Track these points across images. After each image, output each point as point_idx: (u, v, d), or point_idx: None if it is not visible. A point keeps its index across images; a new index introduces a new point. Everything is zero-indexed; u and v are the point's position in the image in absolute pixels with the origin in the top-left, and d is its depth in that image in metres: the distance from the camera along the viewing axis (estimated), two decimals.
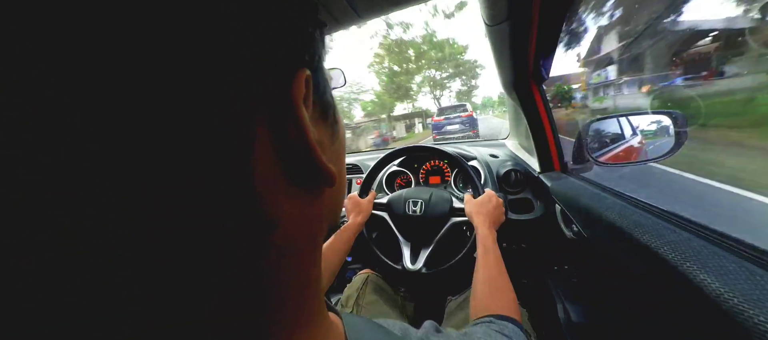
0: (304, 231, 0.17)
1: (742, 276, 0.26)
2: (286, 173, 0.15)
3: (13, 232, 0.09)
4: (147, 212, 0.11)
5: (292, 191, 0.15)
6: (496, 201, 0.74)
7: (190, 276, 0.12)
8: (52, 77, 0.09)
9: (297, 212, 0.16)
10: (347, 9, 0.59)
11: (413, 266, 0.77)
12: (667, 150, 0.65)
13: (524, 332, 0.38)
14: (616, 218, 0.45)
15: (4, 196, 0.09)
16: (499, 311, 0.42)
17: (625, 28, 15.44)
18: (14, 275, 0.09)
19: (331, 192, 0.19)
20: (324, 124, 0.18)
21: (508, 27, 0.59)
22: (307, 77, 0.15)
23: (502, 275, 0.54)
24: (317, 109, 0.17)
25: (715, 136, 3.84)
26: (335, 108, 0.20)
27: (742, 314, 0.24)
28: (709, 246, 0.32)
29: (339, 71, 0.90)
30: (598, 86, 13.03)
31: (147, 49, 0.10)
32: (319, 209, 0.18)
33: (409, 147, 0.96)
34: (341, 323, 0.23)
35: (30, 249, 0.09)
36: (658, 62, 10.69)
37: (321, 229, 0.19)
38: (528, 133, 0.87)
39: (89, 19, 0.09)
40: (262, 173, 0.13)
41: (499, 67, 0.78)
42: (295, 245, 0.16)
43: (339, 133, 0.20)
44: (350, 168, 1.22)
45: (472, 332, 0.31)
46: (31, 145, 0.09)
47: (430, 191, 0.85)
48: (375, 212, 0.86)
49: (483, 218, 0.69)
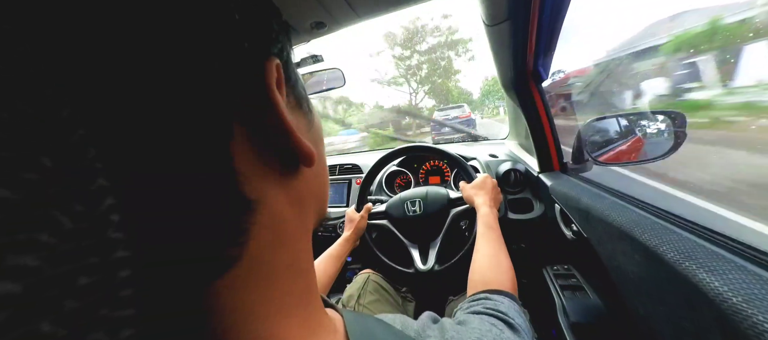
0: (290, 214, 0.18)
1: (742, 276, 0.26)
2: (266, 154, 0.16)
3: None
4: (131, 198, 0.11)
5: (273, 172, 0.17)
6: (491, 182, 0.76)
7: (182, 257, 0.13)
8: (37, 74, 0.09)
9: (280, 193, 0.17)
10: (347, 9, 0.59)
11: (425, 266, 0.77)
12: (666, 150, 0.65)
13: (520, 306, 0.38)
14: (616, 218, 0.45)
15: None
16: (496, 286, 0.41)
17: None
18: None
19: (312, 173, 0.20)
20: (299, 112, 0.20)
21: (507, 27, 0.59)
22: (277, 65, 0.16)
23: (502, 251, 0.54)
24: (291, 99, 0.19)
25: None
26: (308, 100, 0.22)
27: (742, 314, 0.24)
28: (708, 246, 0.32)
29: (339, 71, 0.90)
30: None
31: (124, 41, 0.11)
32: (303, 191, 0.19)
33: (409, 147, 0.96)
34: (341, 319, 0.23)
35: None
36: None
37: (308, 215, 0.20)
38: (527, 132, 0.87)
39: (69, 18, 0.10)
40: (242, 155, 0.14)
41: (499, 67, 0.78)
42: (281, 228, 0.17)
43: (314, 121, 0.22)
44: (350, 168, 1.22)
45: (467, 320, 0.31)
46: (29, 140, 0.09)
47: (426, 188, 0.85)
48: (374, 221, 0.85)
49: (482, 198, 0.70)
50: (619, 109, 3.08)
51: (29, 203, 0.10)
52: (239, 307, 0.15)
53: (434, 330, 0.29)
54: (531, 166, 0.94)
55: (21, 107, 0.09)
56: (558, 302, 0.68)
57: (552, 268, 0.80)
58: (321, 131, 0.23)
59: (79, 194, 0.10)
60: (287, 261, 0.17)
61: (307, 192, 0.20)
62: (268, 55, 0.16)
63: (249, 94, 0.15)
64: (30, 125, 0.09)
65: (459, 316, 0.33)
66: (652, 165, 0.78)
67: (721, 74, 2.26)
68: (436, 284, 0.85)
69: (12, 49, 0.09)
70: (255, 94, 0.15)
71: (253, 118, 0.15)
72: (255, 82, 0.15)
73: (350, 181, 1.20)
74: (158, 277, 0.12)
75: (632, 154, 0.91)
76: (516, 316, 0.33)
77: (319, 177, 0.22)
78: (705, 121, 1.96)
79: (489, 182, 0.75)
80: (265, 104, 0.16)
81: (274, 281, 0.16)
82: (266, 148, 0.16)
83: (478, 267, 0.51)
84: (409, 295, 0.87)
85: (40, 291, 0.10)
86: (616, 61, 4.82)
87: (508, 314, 0.32)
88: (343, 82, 0.89)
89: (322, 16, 0.60)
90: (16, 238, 0.10)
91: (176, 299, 0.13)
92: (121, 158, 0.11)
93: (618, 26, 33.61)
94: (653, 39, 4.76)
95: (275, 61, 0.16)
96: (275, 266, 0.17)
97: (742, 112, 1.89)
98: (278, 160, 0.17)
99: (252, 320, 0.15)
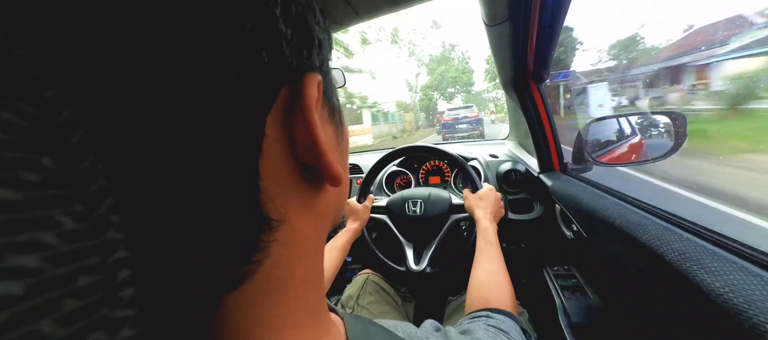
0: (309, 230, 0.17)
1: (742, 276, 0.26)
2: (294, 173, 0.15)
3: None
4: (152, 210, 0.11)
5: (299, 190, 0.16)
6: (495, 195, 0.74)
7: (192, 273, 0.12)
8: (55, 81, 0.09)
9: (302, 211, 0.16)
10: (347, 9, 0.59)
11: (417, 267, 0.77)
12: (666, 150, 0.65)
13: (521, 328, 0.38)
14: (617, 218, 0.45)
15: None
16: (497, 305, 0.41)
17: None
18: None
19: (336, 191, 0.19)
20: (330, 125, 0.19)
21: (508, 27, 0.59)
22: (319, 82, 0.15)
23: (502, 268, 0.53)
24: (325, 112, 0.18)
25: None
26: (340, 111, 0.21)
27: (742, 314, 0.24)
28: (709, 246, 0.32)
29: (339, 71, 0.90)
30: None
31: (155, 50, 0.10)
32: (324, 208, 0.18)
33: (409, 147, 0.96)
34: (343, 324, 0.23)
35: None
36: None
37: (325, 227, 0.19)
38: (527, 133, 0.87)
39: (91, 18, 0.10)
40: (269, 173, 0.14)
41: (499, 67, 0.78)
42: (299, 244, 0.16)
43: (344, 134, 0.21)
44: (350, 168, 1.22)
45: (471, 330, 0.31)
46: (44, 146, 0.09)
47: (429, 190, 0.85)
48: (374, 215, 0.86)
49: (484, 211, 0.69)
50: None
51: (30, 203, 0.10)
52: (250, 321, 0.14)
53: (438, 338, 0.28)
54: (531, 166, 0.94)
55: (22, 108, 0.09)
56: (558, 303, 0.68)
57: (552, 268, 0.80)
58: (348, 143, 0.22)
59: (80, 195, 0.10)
60: (302, 275, 0.17)
61: (327, 207, 0.19)
62: (309, 68, 0.15)
63: (283, 110, 0.14)
64: (31, 126, 0.09)
65: (463, 324, 0.33)
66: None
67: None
68: (437, 284, 0.85)
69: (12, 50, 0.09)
70: (289, 110, 0.14)
71: (285, 135, 0.14)
72: (292, 98, 0.14)
73: (351, 181, 1.20)
74: (166, 289, 0.12)
75: (632, 155, 0.91)
76: (518, 336, 0.33)
77: (342, 192, 0.21)
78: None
79: (492, 195, 0.73)
80: (299, 121, 0.14)
81: (288, 295, 0.16)
82: (295, 165, 0.15)
83: (477, 284, 0.50)
84: (408, 295, 0.87)
85: (41, 291, 0.10)
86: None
87: (510, 334, 0.32)
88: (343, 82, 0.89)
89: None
90: (17, 238, 0.10)
91: (185, 312, 0.13)
92: (129, 165, 0.11)
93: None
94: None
95: (317, 78, 0.15)
96: (290, 281, 0.16)
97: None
98: (305, 178, 0.16)
99: (263, 334, 0.15)
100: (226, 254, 0.13)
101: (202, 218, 0.12)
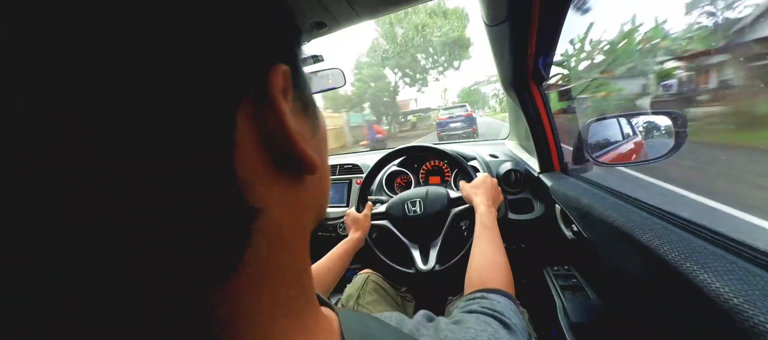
0: (289, 219, 0.17)
1: (742, 276, 0.26)
2: (269, 162, 0.16)
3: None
4: (127, 204, 0.11)
5: (276, 180, 0.16)
6: (491, 181, 0.75)
7: (172, 265, 0.12)
8: (35, 74, 0.09)
9: (281, 200, 0.17)
10: (347, 9, 0.59)
11: (426, 266, 0.77)
12: (666, 150, 0.65)
13: (518, 305, 0.37)
14: (617, 218, 0.45)
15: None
16: (493, 285, 0.41)
17: None
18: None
19: (314, 180, 0.20)
20: (304, 117, 0.19)
21: (508, 27, 0.59)
22: (284, 71, 0.16)
23: (499, 249, 0.54)
24: (298, 104, 0.18)
25: None
26: (315, 105, 0.21)
27: (742, 314, 0.24)
28: (709, 246, 0.32)
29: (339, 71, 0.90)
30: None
31: (125, 43, 0.11)
32: (305, 199, 0.19)
33: (409, 147, 0.96)
34: (337, 318, 0.23)
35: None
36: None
37: (307, 218, 0.20)
38: (528, 133, 0.87)
39: (67, 15, 0.10)
40: (244, 163, 0.14)
41: (499, 67, 0.78)
42: (281, 234, 0.17)
43: (319, 126, 0.21)
44: (350, 168, 1.22)
45: (462, 320, 0.30)
46: (22, 143, 0.09)
47: (426, 188, 0.85)
48: (375, 222, 0.85)
49: (481, 197, 0.70)
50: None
51: (27, 199, 0.10)
52: (239, 312, 0.15)
53: (429, 329, 0.28)
54: (531, 166, 0.94)
55: (19, 106, 0.09)
56: (558, 303, 0.68)
57: (552, 268, 0.80)
58: (325, 135, 0.23)
59: (75, 191, 0.10)
60: (286, 265, 0.17)
61: (307, 198, 0.19)
62: (275, 60, 0.16)
63: (252, 102, 0.15)
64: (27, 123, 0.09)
65: (455, 314, 0.33)
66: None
67: None
68: (437, 284, 0.85)
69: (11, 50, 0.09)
70: (259, 102, 0.15)
71: (256, 125, 0.15)
72: (259, 88, 0.15)
73: (350, 181, 1.20)
74: (157, 283, 0.12)
75: (633, 155, 0.91)
76: (512, 315, 0.33)
77: (322, 182, 0.22)
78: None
79: (488, 181, 0.75)
80: (269, 112, 0.15)
81: (273, 284, 0.16)
82: (270, 156, 0.16)
83: (475, 266, 0.50)
84: (408, 295, 0.87)
85: (39, 287, 0.10)
86: None
87: (505, 313, 0.32)
88: (343, 82, 0.89)
89: (322, 16, 0.60)
90: (15, 236, 0.10)
91: (177, 306, 0.13)
92: (118, 159, 0.11)
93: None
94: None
95: (282, 68, 0.16)
96: (274, 271, 0.16)
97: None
98: (281, 167, 0.17)
99: (251, 324, 0.15)
100: (212, 243, 0.13)
101: (183, 208, 0.12)
